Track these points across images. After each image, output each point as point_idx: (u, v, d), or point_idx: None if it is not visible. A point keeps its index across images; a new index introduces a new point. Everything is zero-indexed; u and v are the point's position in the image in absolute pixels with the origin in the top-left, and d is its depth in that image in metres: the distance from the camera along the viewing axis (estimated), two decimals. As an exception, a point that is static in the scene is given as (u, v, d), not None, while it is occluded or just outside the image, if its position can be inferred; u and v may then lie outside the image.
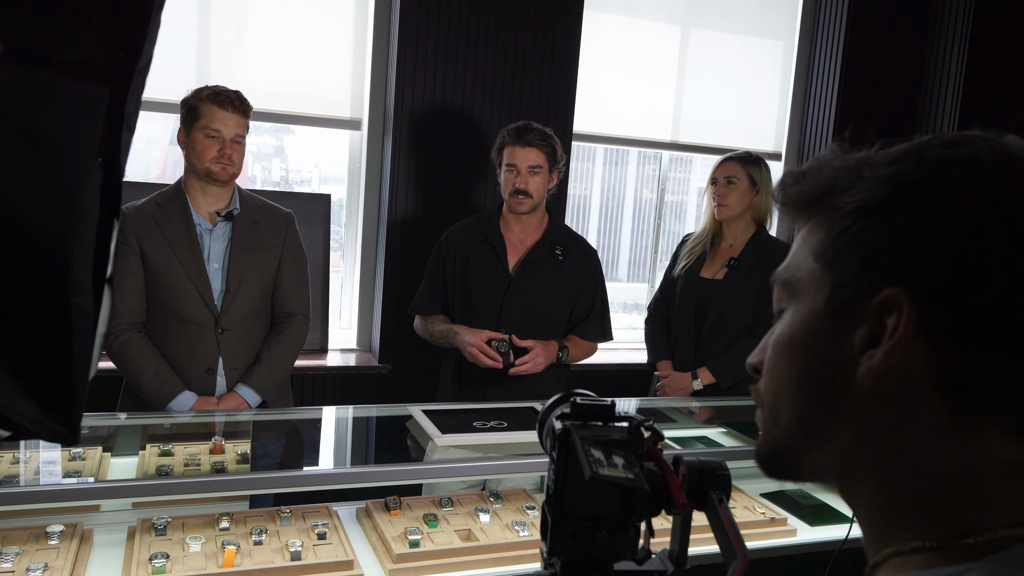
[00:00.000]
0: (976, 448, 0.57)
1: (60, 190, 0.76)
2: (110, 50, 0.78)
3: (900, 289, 0.56)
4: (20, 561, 1.83)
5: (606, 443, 0.83)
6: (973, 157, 0.58)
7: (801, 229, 0.67)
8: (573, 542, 0.82)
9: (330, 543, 2.03)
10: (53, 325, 0.77)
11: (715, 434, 2.87)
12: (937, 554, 0.57)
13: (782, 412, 0.65)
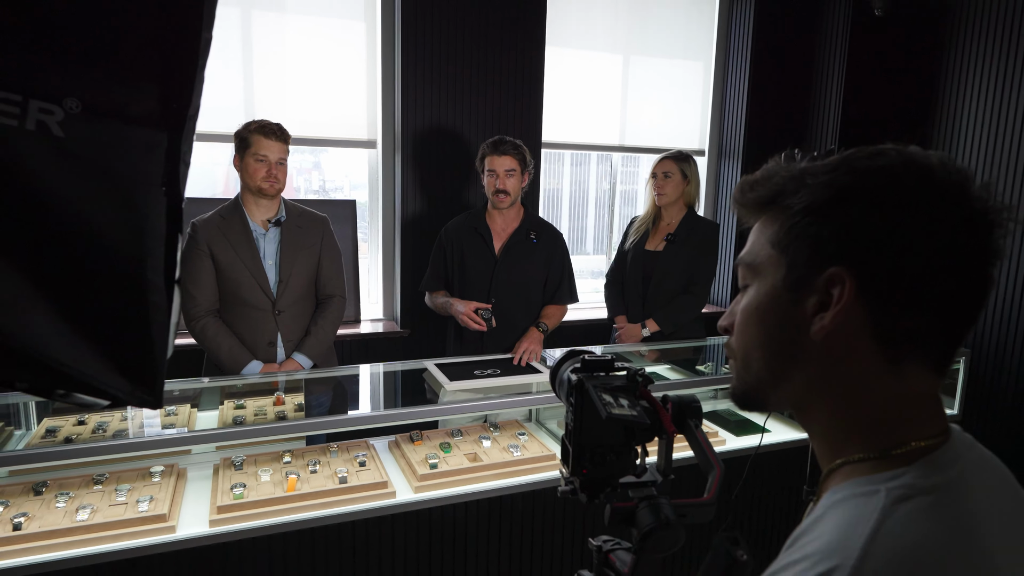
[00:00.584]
0: (902, 382, 0.61)
1: (133, 215, 0.76)
2: (166, 102, 0.77)
3: (842, 267, 0.59)
4: (131, 495, 1.83)
5: (611, 388, 0.85)
6: (890, 164, 0.60)
7: (755, 224, 0.69)
8: (589, 465, 0.84)
9: (369, 469, 2.03)
10: (135, 318, 0.77)
11: (662, 369, 2.86)
12: (875, 463, 0.61)
13: (752, 363, 0.67)
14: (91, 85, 0.72)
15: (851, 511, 0.57)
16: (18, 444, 2.05)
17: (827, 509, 0.59)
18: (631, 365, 0.90)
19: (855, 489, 0.59)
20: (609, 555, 0.89)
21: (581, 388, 0.84)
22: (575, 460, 0.84)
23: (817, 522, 0.59)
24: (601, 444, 0.84)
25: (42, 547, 1.61)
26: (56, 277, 0.71)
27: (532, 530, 2.10)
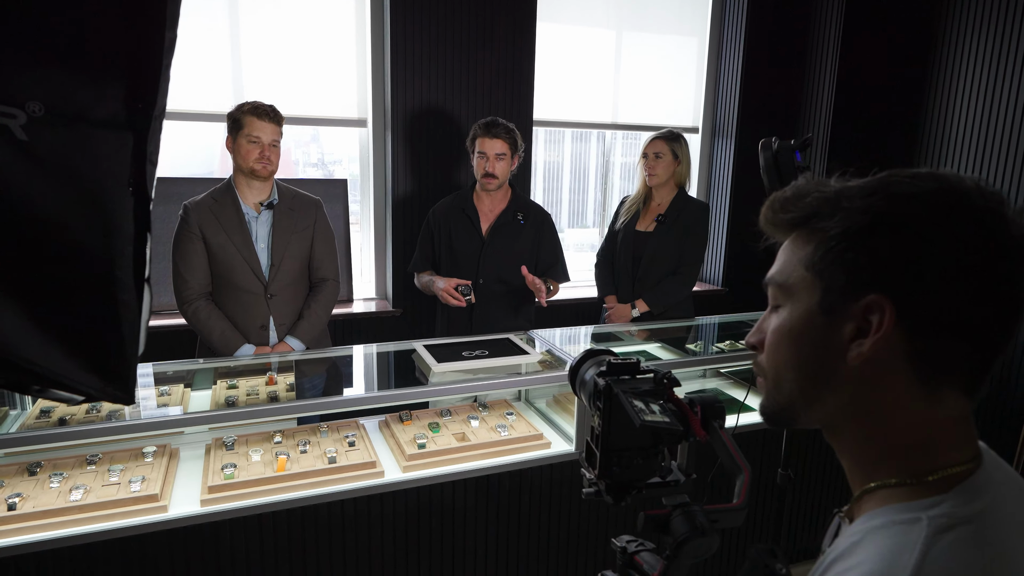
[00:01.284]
0: (936, 407, 0.61)
1: (101, 215, 0.76)
2: (131, 103, 0.77)
3: (881, 295, 0.59)
4: (124, 475, 1.86)
5: (640, 393, 0.85)
6: (927, 191, 0.59)
7: (783, 241, 0.69)
8: (617, 468, 0.84)
9: (358, 449, 2.06)
10: (106, 317, 0.78)
11: (652, 348, 2.88)
12: (911, 489, 0.61)
13: (783, 383, 0.67)
14: (54, 88, 0.73)
15: (893, 539, 0.57)
16: (13, 425, 2.07)
17: (865, 534, 0.60)
18: (657, 367, 0.89)
19: (895, 516, 0.59)
20: (635, 557, 0.90)
21: (610, 394, 0.83)
22: (603, 464, 0.84)
23: (856, 547, 0.59)
24: (629, 448, 0.84)
25: (36, 527, 1.65)
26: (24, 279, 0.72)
27: (519, 509, 2.14)
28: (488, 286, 2.65)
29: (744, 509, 0.82)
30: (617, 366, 0.88)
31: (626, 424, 0.81)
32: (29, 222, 0.72)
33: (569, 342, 2.85)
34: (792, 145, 1.34)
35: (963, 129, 3.56)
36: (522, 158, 2.70)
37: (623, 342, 2.99)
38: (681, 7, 3.87)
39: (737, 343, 2.87)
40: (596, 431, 0.86)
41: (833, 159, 3.78)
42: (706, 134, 4.07)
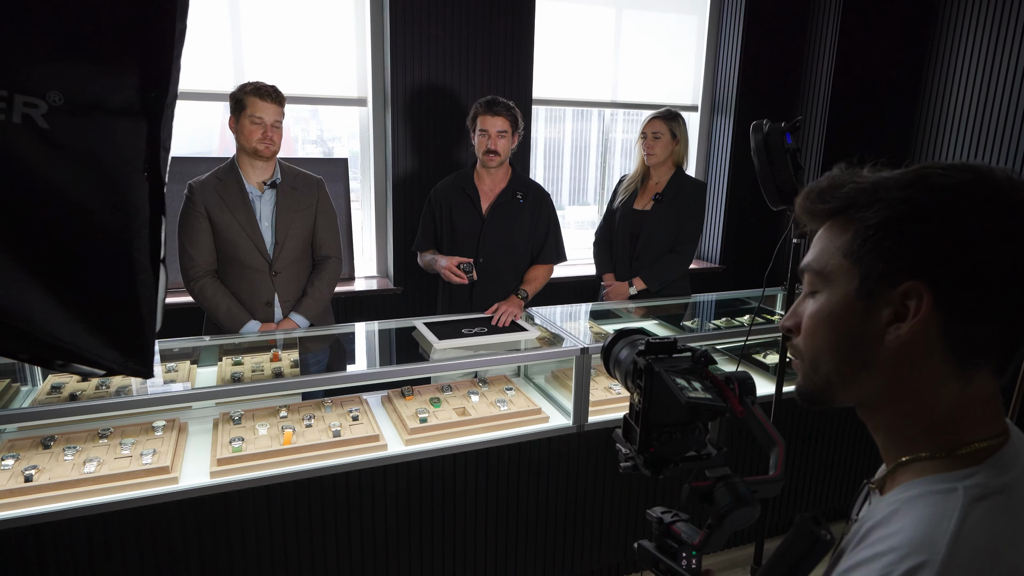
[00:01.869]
0: (969, 386, 0.65)
1: (119, 200, 0.81)
2: (144, 92, 0.81)
3: (918, 281, 0.62)
4: (135, 448, 1.92)
5: (680, 372, 0.87)
6: (962, 182, 0.62)
7: (817, 228, 0.72)
8: (656, 443, 0.87)
9: (361, 423, 2.12)
10: (126, 295, 0.83)
11: (649, 325, 2.93)
12: (943, 461, 0.65)
13: (821, 365, 0.70)
14: (72, 78, 0.76)
15: (932, 507, 0.61)
16: (25, 400, 2.14)
17: (903, 503, 0.64)
18: (695, 346, 0.93)
19: (932, 486, 0.63)
20: (671, 527, 0.92)
21: (651, 372, 0.86)
22: (643, 439, 0.87)
23: (895, 514, 0.63)
24: (668, 424, 0.86)
25: (53, 497, 1.71)
26: (50, 260, 0.77)
27: (518, 480, 2.21)
28: (488, 264, 2.69)
29: (782, 480, 0.85)
30: (655, 345, 0.90)
31: (666, 401, 0.85)
32: (52, 207, 0.76)
33: (567, 319, 2.90)
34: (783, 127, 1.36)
35: (961, 104, 3.57)
36: (522, 136, 2.72)
37: (621, 319, 3.04)
38: (681, -15, 3.86)
39: (733, 320, 2.92)
40: (636, 408, 0.89)
41: (832, 135, 3.79)
42: (705, 112, 4.07)
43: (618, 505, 2.39)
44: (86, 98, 0.77)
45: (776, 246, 1.40)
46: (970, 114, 3.52)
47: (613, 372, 1.00)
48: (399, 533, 2.08)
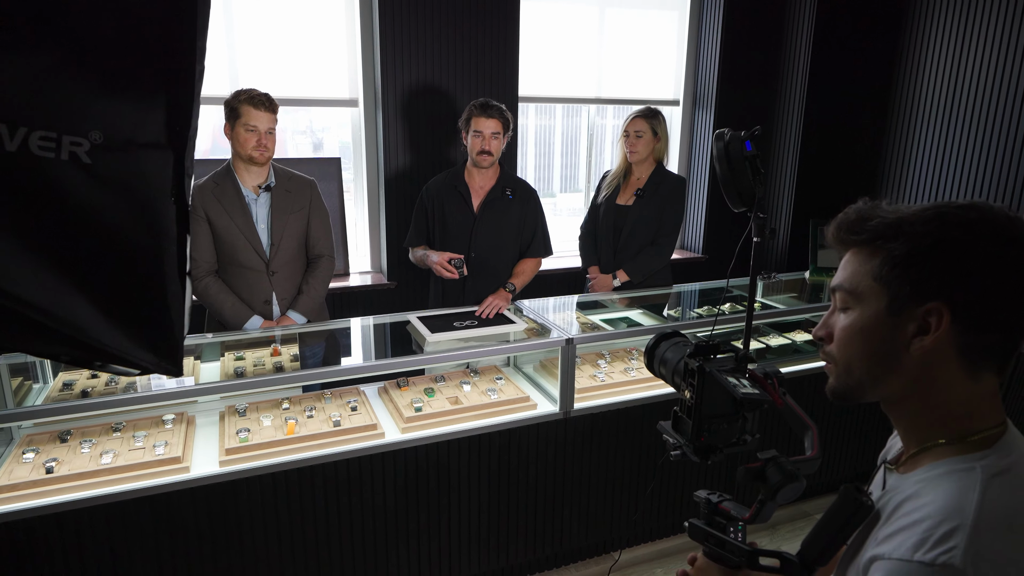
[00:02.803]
0: (977, 384, 0.80)
1: (150, 222, 0.93)
2: (171, 127, 0.93)
3: (939, 302, 0.76)
4: (148, 440, 2.04)
5: (727, 371, 1.01)
6: (974, 220, 0.76)
7: (844, 252, 0.86)
8: (707, 434, 1.00)
9: (360, 413, 2.24)
10: (158, 304, 0.95)
11: (634, 315, 3.05)
12: (958, 446, 0.80)
13: (855, 370, 0.84)
14: (110, 118, 0.88)
15: (957, 482, 0.75)
16: (38, 397, 2.25)
17: (930, 480, 0.78)
18: (736, 347, 1.05)
19: (954, 466, 0.78)
20: (720, 505, 1.03)
21: (703, 372, 0.99)
22: (695, 429, 1.00)
23: (924, 490, 0.77)
24: (717, 416, 0.99)
25: (74, 487, 1.83)
26: (93, 277, 0.89)
27: (508, 465, 2.35)
28: (479, 259, 2.80)
29: (819, 458, 0.98)
30: (702, 347, 1.03)
31: (716, 396, 0.98)
32: (95, 231, 0.88)
33: (554, 311, 3.02)
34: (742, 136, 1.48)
35: (930, 104, 3.70)
36: (511, 136, 2.83)
37: (607, 309, 3.16)
38: (662, -18, 3.96)
39: (714, 308, 3.05)
40: (688, 403, 1.02)
41: (808, 128, 3.92)
42: (687, 106, 4.19)
43: (602, 487, 2.53)
44: (122, 135, 0.88)
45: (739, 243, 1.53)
46: (940, 108, 3.66)
47: (658, 370, 1.13)
48: (397, 516, 2.21)
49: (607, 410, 2.45)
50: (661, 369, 1.12)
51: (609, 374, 2.62)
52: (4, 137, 0.81)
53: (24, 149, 0.82)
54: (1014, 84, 3.31)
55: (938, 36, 3.64)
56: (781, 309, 3.00)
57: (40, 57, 0.82)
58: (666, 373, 1.11)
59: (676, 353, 1.10)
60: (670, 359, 1.10)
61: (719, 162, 1.48)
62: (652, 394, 2.53)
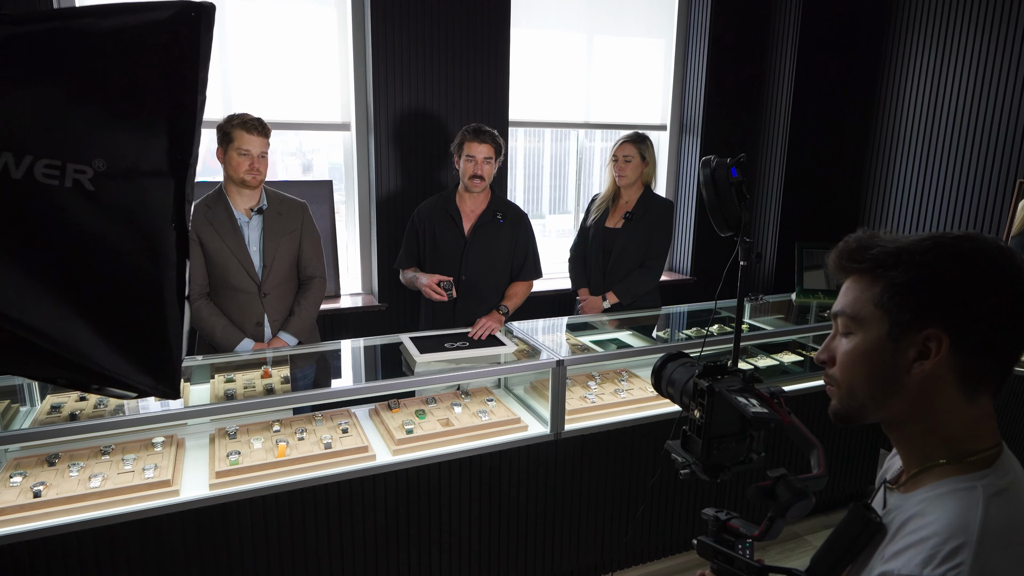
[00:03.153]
0: (974, 407, 0.83)
1: (151, 247, 0.95)
2: (172, 155, 0.95)
3: (938, 328, 0.79)
4: (137, 463, 2.03)
5: (738, 391, 1.02)
6: (969, 251, 0.80)
7: (844, 279, 0.89)
8: (716, 452, 1.02)
9: (351, 435, 2.23)
10: (156, 327, 0.97)
11: (623, 336, 3.08)
12: (957, 466, 0.83)
13: (857, 393, 0.87)
14: (113, 147, 0.90)
15: (960, 500, 0.78)
16: (25, 420, 2.23)
17: (933, 499, 0.81)
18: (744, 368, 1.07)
19: (956, 485, 0.81)
20: (728, 523, 1.05)
21: (712, 392, 1.01)
22: (705, 448, 1.02)
23: (927, 509, 0.80)
24: (726, 435, 1.01)
25: (61, 511, 1.82)
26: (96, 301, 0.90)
27: (499, 486, 2.35)
28: (470, 282, 2.83)
29: (825, 476, 1.00)
30: (711, 368, 1.05)
31: (725, 415, 1.00)
32: (97, 256, 0.89)
33: (545, 332, 3.05)
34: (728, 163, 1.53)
35: (910, 131, 3.80)
36: (502, 161, 2.87)
37: (597, 331, 3.19)
38: (649, 12, 4.05)
39: (702, 330, 3.09)
40: (697, 423, 1.03)
41: (792, 157, 4.00)
42: (674, 131, 4.27)
43: (593, 508, 2.54)
44: (124, 163, 0.91)
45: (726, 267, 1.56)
46: (919, 132, 3.75)
47: (665, 390, 1.14)
48: (388, 538, 2.20)
49: (598, 431, 2.47)
50: (669, 389, 1.14)
51: (599, 395, 2.64)
52: (10, 165, 0.83)
53: (29, 177, 0.85)
54: (990, 112, 3.40)
55: (917, 64, 3.74)
56: (769, 330, 3.04)
57: (48, 89, 0.85)
58: (674, 393, 1.12)
59: (684, 373, 1.12)
60: (678, 379, 1.12)
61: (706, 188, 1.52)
62: (642, 415, 2.55)
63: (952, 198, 3.62)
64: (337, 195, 3.56)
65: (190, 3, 0.93)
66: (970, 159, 3.51)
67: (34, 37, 0.83)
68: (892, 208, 3.94)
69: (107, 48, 0.89)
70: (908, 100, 3.80)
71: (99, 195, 0.88)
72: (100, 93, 0.88)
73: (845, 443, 3.07)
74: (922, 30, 3.70)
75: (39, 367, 0.94)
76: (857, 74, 3.99)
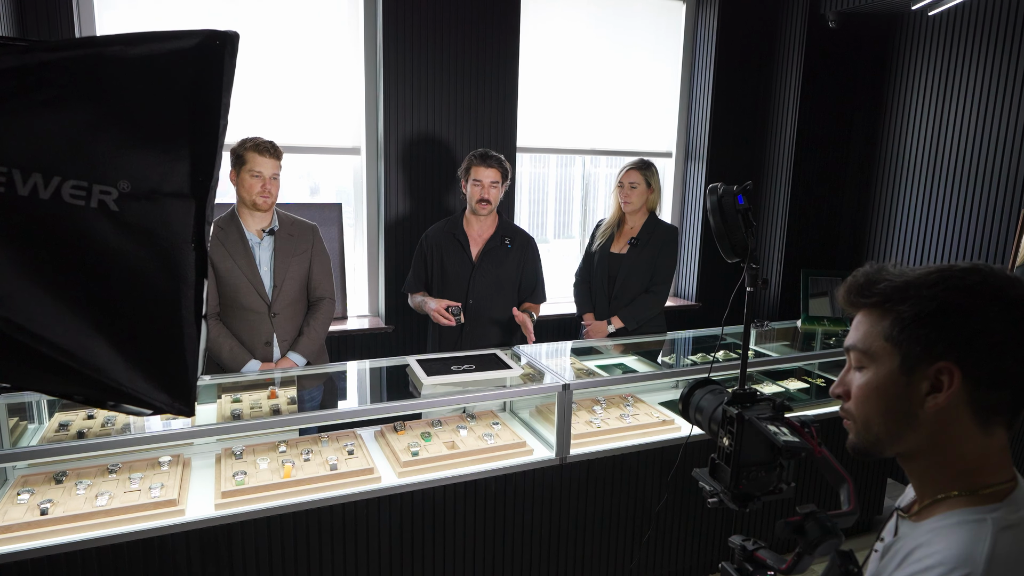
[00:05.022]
0: (988, 439, 0.82)
1: (171, 267, 0.96)
2: (194, 178, 0.98)
3: (949, 362, 0.79)
4: (143, 482, 2.03)
5: (768, 419, 1.01)
6: (975, 284, 0.80)
7: (856, 313, 0.89)
8: (745, 481, 1.00)
9: (356, 457, 2.23)
10: (174, 346, 0.98)
11: (629, 361, 3.08)
12: (969, 498, 0.82)
13: (872, 427, 0.87)
14: (137, 169, 0.93)
15: (968, 533, 0.78)
16: (33, 437, 2.24)
17: (942, 529, 0.80)
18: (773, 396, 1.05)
19: (965, 517, 0.80)
20: (755, 553, 1.03)
21: (742, 419, 1.00)
22: (734, 477, 1.00)
23: (935, 539, 0.80)
24: (755, 463, 1.00)
25: (68, 529, 1.82)
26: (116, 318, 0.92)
27: (504, 510, 2.34)
28: (477, 306, 2.84)
29: (856, 513, 0.99)
30: (740, 395, 1.04)
31: (755, 443, 0.99)
32: (119, 275, 0.91)
33: (550, 356, 3.05)
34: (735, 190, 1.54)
35: (914, 158, 3.83)
36: (508, 186, 2.91)
37: (602, 356, 3.19)
38: (655, 40, 4.12)
39: (707, 355, 3.09)
40: (726, 450, 1.02)
41: (797, 184, 4.03)
42: (679, 159, 4.31)
43: (598, 534, 2.52)
44: (148, 184, 0.93)
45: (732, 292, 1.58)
46: (923, 161, 3.78)
47: (693, 417, 1.13)
48: (392, 560, 2.19)
49: (603, 456, 2.46)
50: (697, 416, 1.13)
51: (605, 420, 2.63)
52: (39, 185, 0.85)
53: (57, 197, 0.87)
54: (994, 142, 3.43)
55: (921, 94, 3.79)
56: (774, 357, 3.04)
57: (78, 113, 0.87)
58: (702, 420, 1.11)
59: (713, 400, 1.11)
60: (706, 406, 1.11)
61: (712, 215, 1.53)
62: (648, 440, 2.54)
63: (956, 228, 3.63)
64: (346, 218, 3.60)
65: (215, 32, 0.96)
66: (974, 189, 3.53)
67: (66, 63, 0.86)
68: (897, 236, 3.95)
69: (135, 74, 0.92)
70: (912, 129, 3.84)
71: (123, 215, 0.91)
72: (127, 117, 0.91)
73: (853, 472, 3.05)
74: (926, 59, 3.75)
75: (58, 383, 0.95)
76: (861, 103, 4.04)
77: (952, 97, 3.61)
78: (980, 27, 3.46)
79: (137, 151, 0.92)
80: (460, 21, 3.38)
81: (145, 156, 0.93)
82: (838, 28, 3.80)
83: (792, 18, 3.97)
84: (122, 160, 0.91)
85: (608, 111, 4.07)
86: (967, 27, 3.52)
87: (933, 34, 3.69)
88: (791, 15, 3.97)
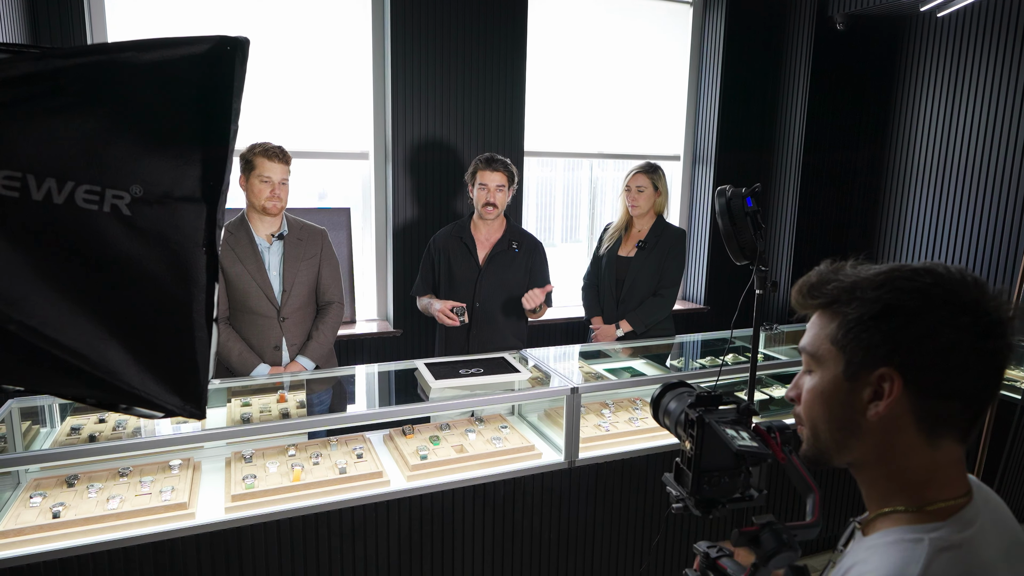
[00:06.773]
0: (937, 452, 0.77)
1: (182, 270, 0.97)
2: (205, 181, 0.98)
3: (890, 367, 0.75)
4: (154, 485, 2.04)
5: (728, 422, 0.98)
6: (923, 286, 0.75)
7: (811, 315, 0.85)
8: (707, 486, 0.97)
9: (365, 460, 2.23)
10: (185, 349, 0.99)
11: (637, 364, 3.08)
12: (915, 515, 0.77)
13: (820, 433, 0.83)
14: (149, 174, 0.94)
15: (903, 553, 0.73)
16: (46, 441, 2.26)
17: (879, 547, 0.76)
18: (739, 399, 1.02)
19: (904, 535, 0.75)
20: (717, 561, 1.01)
21: (702, 423, 0.97)
22: (695, 482, 0.97)
23: (872, 555, 0.75)
24: (717, 469, 0.97)
25: (80, 532, 1.83)
26: (128, 322, 0.93)
27: (513, 514, 2.33)
28: (484, 309, 2.84)
29: (818, 525, 0.95)
30: (704, 398, 1.02)
31: (717, 449, 0.95)
32: (131, 279, 0.92)
33: (558, 360, 3.05)
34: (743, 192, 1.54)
35: (924, 158, 3.81)
36: (515, 190, 2.91)
37: (610, 359, 3.18)
38: (663, 47, 4.13)
39: (716, 359, 3.07)
40: (688, 455, 1.00)
41: (805, 185, 4.02)
42: (687, 162, 4.30)
43: (607, 538, 2.51)
44: (160, 189, 0.94)
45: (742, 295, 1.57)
46: (932, 162, 3.76)
47: (662, 421, 1.11)
48: (401, 563, 2.19)
49: (612, 460, 2.45)
50: (665, 420, 1.11)
51: (614, 424, 2.62)
52: (53, 190, 0.86)
53: (70, 201, 0.88)
54: (1003, 145, 3.41)
55: (929, 96, 3.77)
56: (783, 360, 3.03)
57: (91, 119, 0.88)
58: (670, 424, 1.09)
59: (679, 404, 1.08)
60: (673, 410, 1.08)
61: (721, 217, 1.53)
62: (657, 444, 2.53)
63: (967, 231, 3.61)
64: (354, 222, 3.61)
65: (226, 38, 0.96)
66: (985, 192, 3.50)
67: (79, 69, 0.87)
68: (907, 239, 3.93)
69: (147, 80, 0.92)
70: (922, 131, 3.82)
71: (135, 219, 0.92)
72: (139, 122, 0.92)
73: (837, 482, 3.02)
74: (935, 61, 3.73)
75: (71, 386, 0.96)
76: (870, 105, 4.02)
77: (962, 99, 3.59)
78: (989, 28, 3.44)
79: (149, 156, 0.93)
80: (467, 26, 3.40)
81: (157, 161, 0.94)
82: (846, 30, 3.79)
83: (800, 20, 3.96)
84: (134, 165, 0.92)
85: (615, 115, 4.08)
86: (976, 28, 3.50)
87: (942, 36, 3.68)
88: (799, 17, 3.96)
